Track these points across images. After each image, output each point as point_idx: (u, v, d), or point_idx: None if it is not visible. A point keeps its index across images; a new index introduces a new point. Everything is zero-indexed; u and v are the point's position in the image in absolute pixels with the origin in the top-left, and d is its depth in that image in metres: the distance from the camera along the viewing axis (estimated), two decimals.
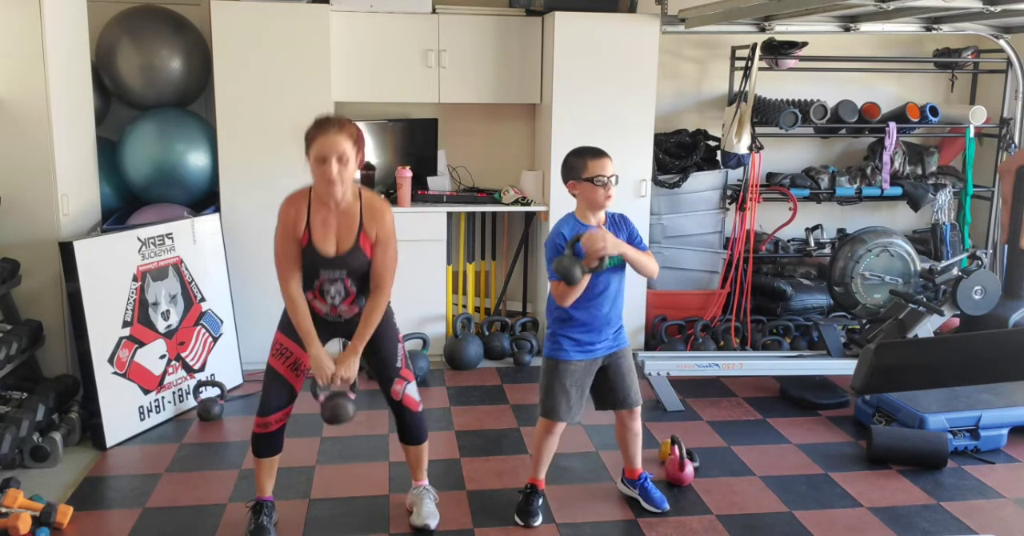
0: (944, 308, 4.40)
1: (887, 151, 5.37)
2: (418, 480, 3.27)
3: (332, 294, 2.96)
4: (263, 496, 3.14)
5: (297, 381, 3.03)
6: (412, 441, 3.18)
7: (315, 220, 2.88)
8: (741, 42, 5.34)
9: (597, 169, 3.03)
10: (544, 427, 3.24)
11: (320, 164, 2.77)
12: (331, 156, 2.75)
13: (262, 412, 3.01)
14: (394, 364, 3.07)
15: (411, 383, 3.10)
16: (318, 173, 2.79)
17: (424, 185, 5.12)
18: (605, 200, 3.06)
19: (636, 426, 3.33)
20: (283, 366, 3.00)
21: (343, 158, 2.77)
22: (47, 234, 3.90)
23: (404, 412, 3.10)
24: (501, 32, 4.99)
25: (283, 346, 3.00)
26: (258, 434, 3.04)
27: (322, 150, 2.75)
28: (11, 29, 3.73)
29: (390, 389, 3.06)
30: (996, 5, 4.10)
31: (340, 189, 2.81)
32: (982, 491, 3.53)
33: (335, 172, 2.76)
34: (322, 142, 2.76)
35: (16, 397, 3.70)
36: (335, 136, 2.76)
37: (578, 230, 3.06)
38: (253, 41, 4.55)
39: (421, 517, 3.16)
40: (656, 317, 5.22)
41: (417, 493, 3.24)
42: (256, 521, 3.08)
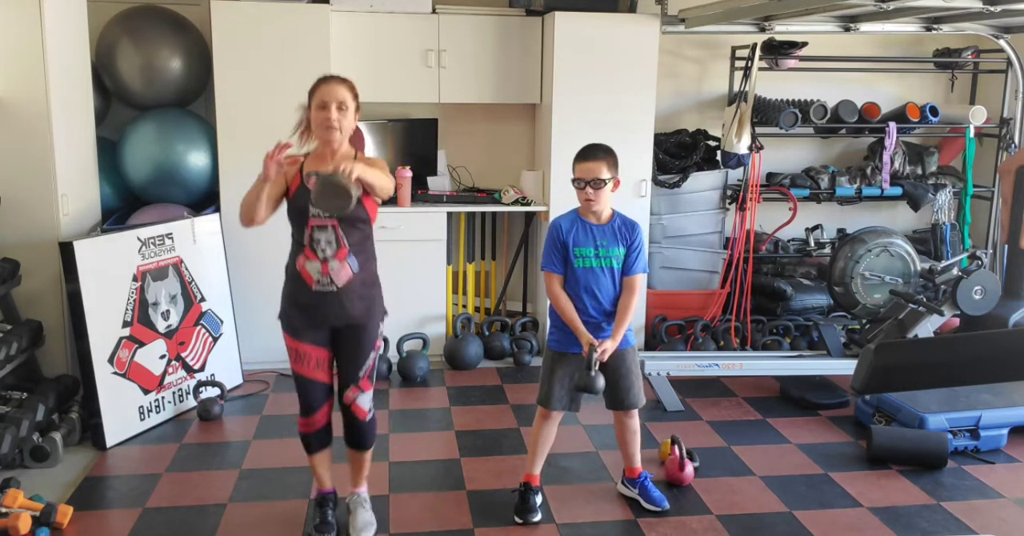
0: (944, 308, 4.39)
1: (887, 151, 5.37)
2: (356, 486, 3.22)
3: (323, 245, 2.89)
4: (323, 489, 3.16)
5: (325, 375, 3.02)
6: (356, 446, 3.15)
7: (307, 166, 2.96)
8: (741, 42, 5.34)
9: (579, 172, 3.12)
10: (538, 416, 3.29)
11: (321, 110, 2.89)
12: (331, 102, 2.88)
13: (305, 412, 3.04)
14: (358, 371, 3.02)
15: (366, 394, 3.06)
16: (319, 119, 2.90)
17: (424, 185, 5.12)
18: (585, 202, 3.13)
19: (634, 424, 3.34)
20: (307, 369, 3.00)
21: (343, 105, 2.90)
22: (47, 234, 3.90)
23: (352, 418, 3.08)
24: (501, 32, 4.99)
25: (297, 351, 3.00)
26: (304, 433, 3.07)
27: (324, 96, 2.89)
28: (11, 29, 3.73)
29: (344, 392, 3.04)
30: (996, 5, 4.10)
31: (338, 135, 2.91)
32: (982, 491, 3.53)
33: (335, 117, 2.88)
34: (324, 90, 2.91)
35: (16, 397, 3.70)
36: (336, 86, 2.92)
37: (575, 223, 3.16)
38: (253, 41, 4.55)
39: (357, 529, 3.11)
40: (656, 317, 5.22)
41: (353, 501, 3.20)
42: (321, 514, 3.11)
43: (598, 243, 3.14)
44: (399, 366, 4.77)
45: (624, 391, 3.25)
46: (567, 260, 3.16)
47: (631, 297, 3.16)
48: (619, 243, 3.15)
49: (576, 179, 3.12)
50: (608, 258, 3.14)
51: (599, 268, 3.14)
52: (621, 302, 3.17)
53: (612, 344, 3.12)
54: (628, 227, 3.19)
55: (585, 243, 3.14)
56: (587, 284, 3.15)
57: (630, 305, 3.15)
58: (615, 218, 3.19)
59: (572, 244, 3.14)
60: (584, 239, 3.15)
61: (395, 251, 4.77)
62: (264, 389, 4.57)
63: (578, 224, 3.17)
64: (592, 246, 3.14)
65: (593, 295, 3.15)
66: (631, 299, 3.16)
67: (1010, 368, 3.15)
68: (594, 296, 3.15)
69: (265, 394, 4.51)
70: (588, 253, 3.14)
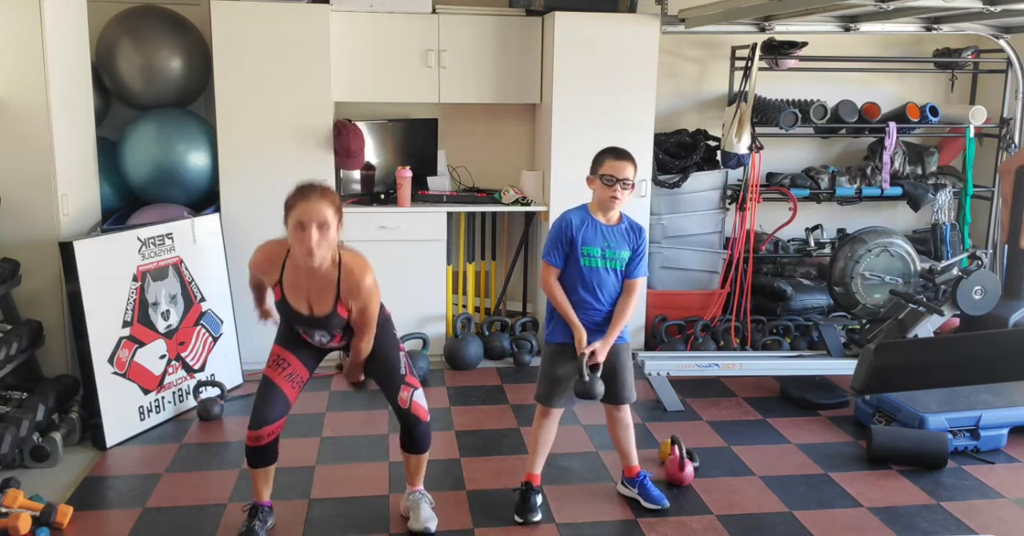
0: (944, 308, 4.39)
1: (887, 151, 5.37)
2: (414, 485, 3.24)
3: (317, 338, 3.01)
4: (260, 501, 3.13)
5: (292, 393, 3.00)
6: (415, 450, 3.16)
7: (287, 279, 2.85)
8: (741, 42, 5.34)
9: (610, 169, 3.11)
10: (538, 414, 3.30)
11: (299, 231, 2.67)
12: (311, 223, 2.66)
13: (254, 425, 2.94)
14: (397, 372, 3.04)
15: (418, 390, 3.07)
16: (296, 240, 2.69)
17: (424, 185, 5.12)
18: (610, 200, 3.12)
19: (626, 418, 3.34)
20: (280, 376, 2.98)
21: (323, 226, 2.68)
22: (47, 234, 3.90)
23: (412, 421, 3.06)
24: (501, 32, 4.99)
25: (280, 357, 3.00)
26: (251, 447, 2.99)
27: (302, 217, 2.66)
28: (11, 29, 3.73)
29: (396, 398, 3.03)
30: (996, 5, 4.10)
31: (317, 258, 2.72)
32: (982, 491, 3.53)
33: (314, 240, 2.67)
34: (303, 208, 2.66)
35: (16, 397, 3.70)
36: (316, 203, 2.67)
37: (585, 221, 3.16)
38: (253, 41, 4.55)
39: (420, 521, 3.13)
40: (656, 317, 5.22)
41: (414, 498, 3.22)
42: (248, 524, 3.06)
43: (607, 243, 3.15)
44: None
45: (618, 386, 3.26)
46: (571, 257, 3.16)
47: (630, 299, 3.17)
48: (627, 245, 3.17)
49: (606, 175, 3.10)
50: (614, 260, 3.15)
51: (604, 268, 3.15)
52: (619, 303, 3.18)
53: (604, 346, 3.14)
54: (635, 231, 3.20)
55: (594, 242, 3.14)
56: (590, 283, 3.15)
57: (628, 307, 3.17)
58: (623, 220, 3.21)
59: (581, 242, 3.14)
60: (593, 238, 3.15)
61: (395, 251, 4.78)
62: None
63: (588, 222, 3.17)
64: (600, 246, 3.14)
65: (595, 294, 3.16)
66: (629, 301, 3.17)
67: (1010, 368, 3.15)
68: (596, 295, 3.16)
69: None
70: (595, 253, 3.14)
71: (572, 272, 3.18)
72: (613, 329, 3.16)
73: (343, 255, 2.84)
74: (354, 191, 4.99)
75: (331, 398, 4.43)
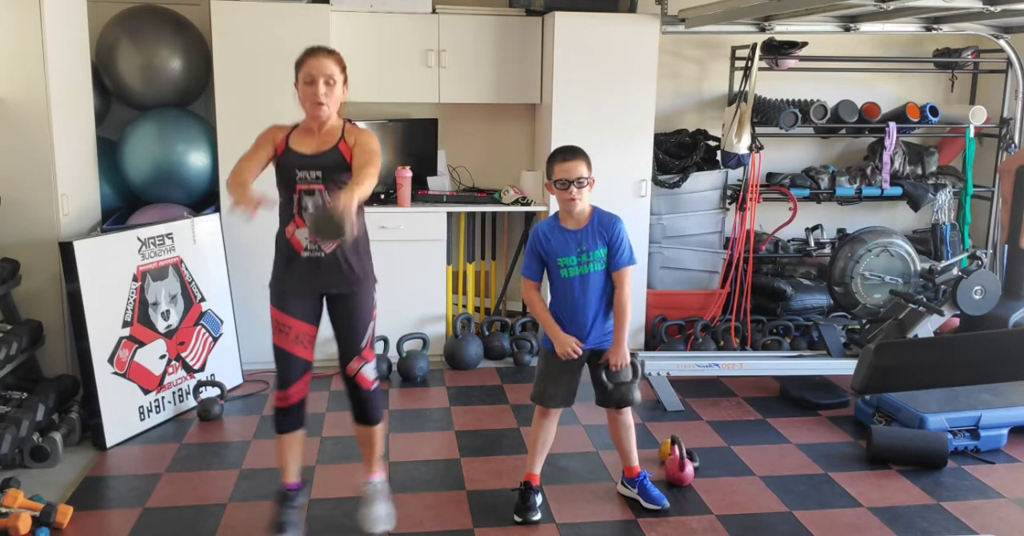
0: (944, 308, 4.39)
1: (887, 151, 5.37)
2: (370, 472, 3.16)
3: (313, 203, 2.91)
4: (288, 482, 3.08)
5: (306, 352, 3.00)
6: (363, 420, 3.09)
7: (295, 135, 2.95)
8: (741, 42, 5.34)
9: (561, 173, 3.09)
10: (537, 414, 3.29)
11: (308, 85, 2.85)
12: (319, 77, 2.84)
13: (281, 385, 2.99)
14: (359, 341, 3.01)
15: (370, 363, 3.03)
16: (306, 94, 2.86)
17: (424, 185, 5.12)
18: (568, 203, 3.10)
19: (626, 419, 3.33)
20: (287, 342, 2.98)
21: (330, 80, 2.85)
22: (47, 234, 3.90)
23: (356, 388, 3.04)
24: (501, 32, 4.99)
25: (280, 323, 2.98)
26: (279, 408, 3.01)
27: (311, 71, 2.84)
28: (11, 29, 3.73)
29: (347, 364, 3.01)
30: (996, 5, 4.10)
31: (326, 110, 2.86)
32: (982, 491, 3.53)
33: (322, 93, 2.84)
34: (311, 64, 2.85)
35: (16, 397, 3.70)
36: (324, 59, 2.86)
37: (555, 230, 3.15)
38: (253, 41, 4.55)
39: (371, 519, 3.05)
40: (656, 317, 5.22)
41: (368, 490, 3.12)
42: (279, 516, 3.02)
43: (580, 249, 3.12)
44: (399, 366, 4.77)
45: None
46: (551, 270, 3.16)
47: (623, 292, 3.14)
48: (601, 243, 3.13)
49: (558, 180, 3.09)
50: (592, 261, 3.12)
51: (584, 275, 3.13)
52: (615, 301, 3.15)
53: (618, 350, 3.14)
54: (607, 224, 3.14)
55: (566, 252, 3.12)
56: (576, 294, 3.14)
57: (624, 302, 3.14)
58: (593, 217, 3.16)
59: (554, 254, 3.13)
60: (565, 247, 3.13)
61: (395, 251, 4.78)
62: (264, 389, 4.57)
63: (557, 231, 3.15)
64: (574, 254, 3.12)
65: (584, 301, 3.14)
66: (623, 295, 3.14)
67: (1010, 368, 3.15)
68: (586, 301, 3.14)
69: (265, 394, 4.51)
70: (571, 262, 3.13)
71: (557, 285, 3.18)
72: (619, 330, 3.14)
73: (347, 123, 2.98)
74: None
75: (331, 398, 4.43)
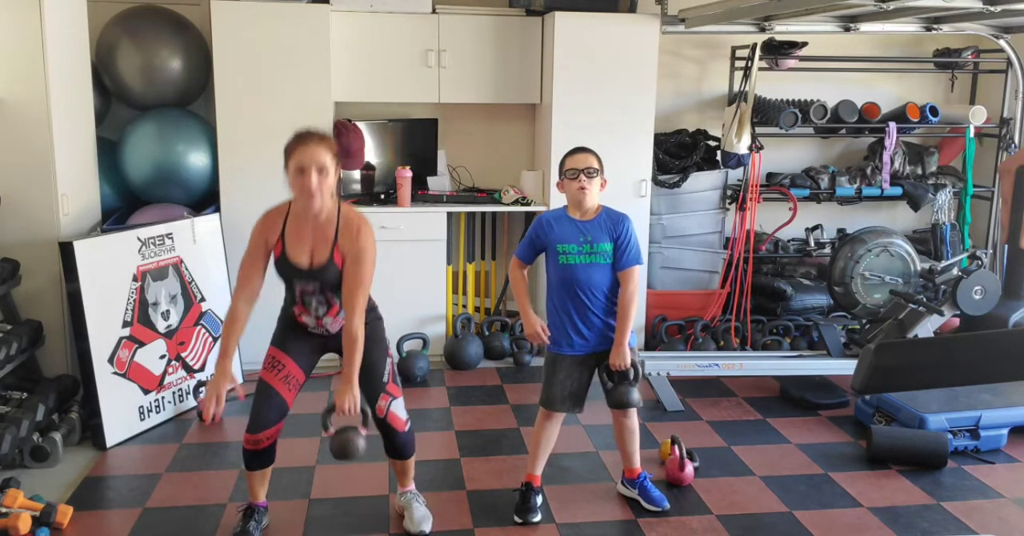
0: (944, 308, 4.39)
1: (887, 151, 5.37)
2: (404, 486, 3.25)
3: (314, 306, 2.96)
4: (256, 502, 3.12)
5: (290, 395, 2.99)
6: (398, 457, 3.17)
7: (290, 232, 2.87)
8: (741, 42, 5.34)
9: (571, 163, 3.14)
10: (540, 415, 3.29)
11: (299, 175, 2.73)
12: (310, 167, 2.72)
13: (252, 429, 2.94)
14: (380, 379, 3.01)
15: (397, 399, 3.05)
16: (297, 185, 2.75)
17: (424, 185, 5.12)
18: (579, 192, 3.12)
19: (631, 423, 3.33)
20: (275, 379, 2.97)
21: (323, 170, 2.73)
22: (47, 234, 3.90)
23: (389, 431, 3.07)
24: (501, 32, 4.99)
25: (275, 359, 2.99)
26: (248, 450, 2.99)
27: (302, 161, 2.72)
28: (11, 29, 3.73)
29: (375, 405, 3.03)
30: (996, 5, 4.10)
31: (318, 202, 2.76)
32: (982, 491, 3.53)
33: (314, 184, 2.72)
34: (302, 153, 2.73)
35: (16, 397, 3.70)
36: (315, 148, 2.73)
37: (560, 218, 3.18)
38: (253, 41, 4.55)
39: (415, 523, 3.14)
40: (656, 317, 5.22)
41: (406, 499, 3.23)
42: (243, 526, 3.06)
43: (583, 238, 3.11)
44: (399, 366, 4.76)
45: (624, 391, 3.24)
46: (551, 259, 3.17)
47: (628, 291, 3.12)
48: (607, 237, 3.12)
49: (568, 170, 3.13)
50: (594, 253, 3.10)
51: (585, 264, 3.10)
52: (619, 299, 3.14)
53: (618, 350, 3.12)
54: (615, 219, 3.15)
55: (569, 238, 3.12)
56: (573, 282, 3.11)
57: (628, 301, 3.12)
58: (602, 212, 3.17)
59: (555, 240, 3.13)
60: (568, 234, 3.12)
61: (395, 251, 4.78)
62: None
63: (563, 219, 3.17)
64: (576, 242, 3.11)
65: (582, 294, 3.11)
66: (628, 293, 3.12)
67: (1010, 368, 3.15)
68: (584, 295, 3.11)
69: None
70: (571, 249, 3.11)
71: (554, 274, 3.17)
72: (621, 329, 3.12)
73: (343, 207, 2.90)
74: (354, 191, 4.99)
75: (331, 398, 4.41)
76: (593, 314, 3.14)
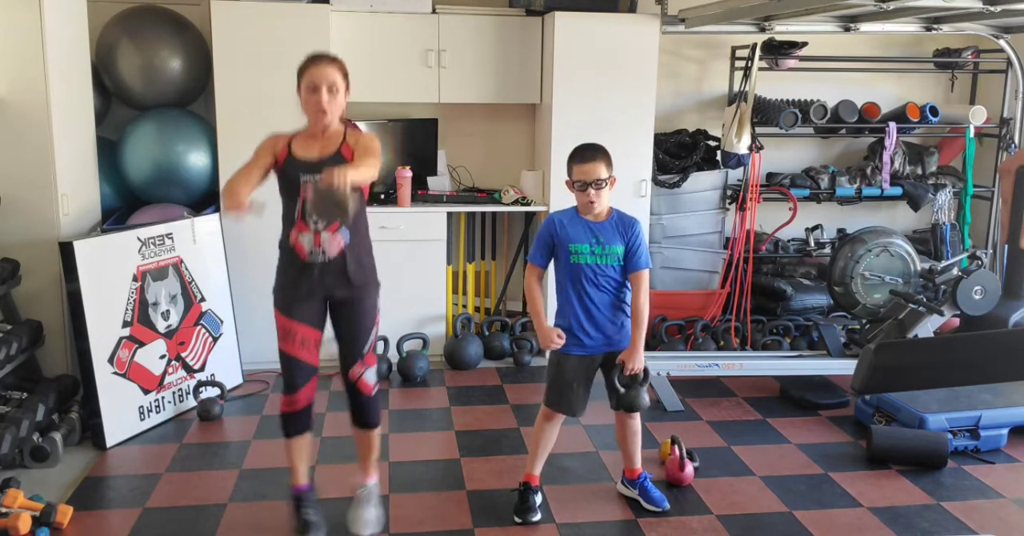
0: (944, 308, 4.39)
1: (887, 151, 5.37)
2: (366, 475, 3.19)
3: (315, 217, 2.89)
4: (299, 485, 3.10)
5: (311, 356, 3.00)
6: (363, 423, 3.12)
7: (297, 142, 2.95)
8: (741, 42, 5.34)
9: (579, 174, 3.09)
10: (541, 416, 3.27)
11: (311, 93, 2.86)
12: (322, 85, 2.85)
13: (288, 390, 3.00)
14: (361, 346, 3.02)
15: (371, 368, 3.06)
16: (309, 102, 2.87)
17: (424, 185, 5.12)
18: (588, 204, 3.11)
19: (635, 424, 3.33)
20: (293, 347, 2.98)
21: (333, 88, 2.86)
22: (47, 234, 3.90)
23: (356, 393, 3.06)
24: (501, 32, 4.99)
25: (286, 328, 2.99)
26: (286, 413, 3.03)
27: (314, 79, 2.85)
28: (11, 29, 3.73)
29: (349, 369, 3.03)
30: (996, 5, 4.10)
31: (329, 117, 2.88)
32: (982, 491, 3.53)
33: (325, 101, 2.85)
34: (313, 71, 2.86)
35: (16, 397, 3.70)
36: (326, 67, 2.87)
37: (572, 219, 3.15)
38: (253, 41, 4.55)
39: (362, 522, 3.08)
40: (656, 317, 5.22)
41: (363, 492, 3.16)
42: (300, 518, 3.04)
43: (595, 239, 3.11)
44: (399, 366, 4.76)
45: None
46: (561, 258, 3.15)
47: (639, 295, 3.12)
48: (619, 239, 3.12)
49: (577, 181, 3.09)
50: (605, 255, 3.11)
51: (596, 264, 3.11)
52: (632, 304, 3.14)
53: (632, 354, 3.12)
54: (626, 223, 3.15)
55: (581, 238, 3.12)
56: (584, 280, 3.11)
57: (642, 306, 3.12)
58: (613, 214, 3.17)
59: (567, 239, 3.12)
60: (580, 234, 3.12)
61: (395, 251, 4.78)
62: (264, 389, 4.57)
63: (575, 220, 3.16)
64: (587, 242, 3.11)
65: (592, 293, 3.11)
66: (640, 298, 3.12)
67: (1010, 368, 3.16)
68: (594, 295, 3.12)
69: (265, 394, 4.51)
70: (584, 249, 3.11)
71: (564, 273, 3.16)
72: (636, 333, 3.12)
73: (350, 124, 2.99)
74: None
75: (331, 398, 4.42)
76: (601, 313, 3.14)
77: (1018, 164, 4.67)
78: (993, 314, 4.46)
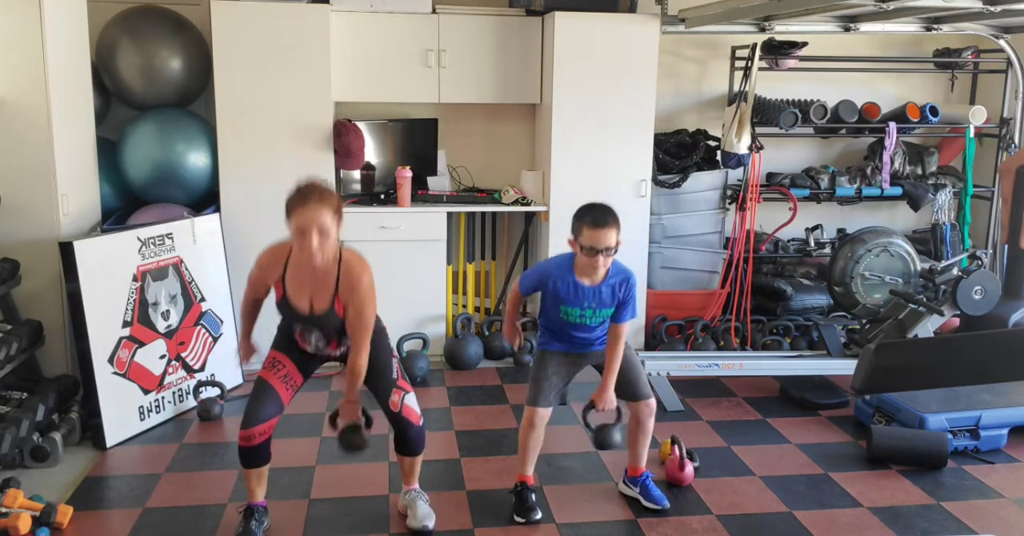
0: (944, 308, 4.39)
1: (887, 151, 5.37)
2: (409, 484, 3.26)
3: (314, 341, 3.00)
4: (254, 501, 3.12)
5: (286, 394, 3.01)
6: (409, 453, 3.18)
7: (290, 276, 2.89)
8: (741, 42, 5.34)
9: (590, 240, 2.98)
10: (526, 416, 3.26)
11: (300, 236, 2.74)
12: (311, 229, 2.72)
13: (246, 424, 2.95)
14: (388, 376, 3.04)
15: (409, 394, 3.09)
16: (298, 245, 2.78)
17: (424, 185, 5.12)
18: (592, 269, 3.06)
19: (649, 423, 3.34)
20: (274, 377, 3.00)
21: (323, 231, 2.74)
22: (47, 234, 3.90)
23: (403, 424, 3.08)
24: (501, 32, 4.99)
25: (275, 359, 3.02)
26: (243, 447, 2.99)
27: (302, 223, 2.72)
28: (11, 29, 3.73)
29: (387, 401, 3.04)
30: (996, 5, 4.10)
31: (319, 260, 2.78)
32: (982, 491, 3.53)
33: (315, 245, 2.73)
34: (302, 214, 2.72)
35: (16, 397, 3.70)
36: (316, 208, 2.72)
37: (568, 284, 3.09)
38: (253, 41, 4.55)
39: (418, 519, 3.15)
40: (656, 317, 5.22)
41: (410, 497, 3.24)
42: (245, 526, 3.06)
43: (589, 305, 3.11)
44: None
45: (634, 383, 3.26)
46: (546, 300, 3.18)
47: (617, 345, 3.15)
48: (612, 301, 3.11)
49: (586, 247, 2.99)
50: (597, 316, 3.14)
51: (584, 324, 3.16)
52: (608, 350, 3.16)
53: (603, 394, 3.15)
54: (622, 282, 3.11)
55: (574, 304, 3.11)
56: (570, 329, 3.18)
57: (616, 355, 3.15)
58: (609, 272, 3.09)
59: (559, 301, 3.13)
60: (574, 300, 3.11)
61: (395, 251, 4.78)
62: None
63: (571, 286, 3.10)
64: (579, 307, 3.11)
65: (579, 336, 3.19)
66: (616, 348, 3.15)
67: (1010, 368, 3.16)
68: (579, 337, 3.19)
69: None
70: (575, 312, 3.12)
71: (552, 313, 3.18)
72: (607, 376, 3.15)
73: (344, 253, 2.89)
74: (354, 191, 4.99)
75: (331, 398, 4.43)
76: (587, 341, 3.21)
77: (1018, 164, 4.66)
78: (993, 314, 4.46)
